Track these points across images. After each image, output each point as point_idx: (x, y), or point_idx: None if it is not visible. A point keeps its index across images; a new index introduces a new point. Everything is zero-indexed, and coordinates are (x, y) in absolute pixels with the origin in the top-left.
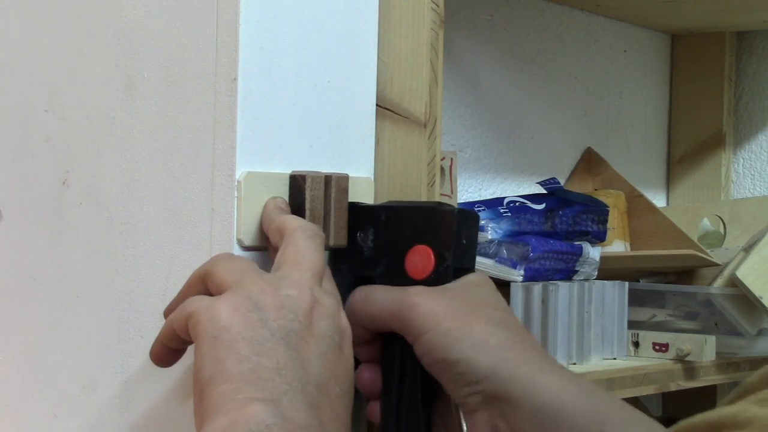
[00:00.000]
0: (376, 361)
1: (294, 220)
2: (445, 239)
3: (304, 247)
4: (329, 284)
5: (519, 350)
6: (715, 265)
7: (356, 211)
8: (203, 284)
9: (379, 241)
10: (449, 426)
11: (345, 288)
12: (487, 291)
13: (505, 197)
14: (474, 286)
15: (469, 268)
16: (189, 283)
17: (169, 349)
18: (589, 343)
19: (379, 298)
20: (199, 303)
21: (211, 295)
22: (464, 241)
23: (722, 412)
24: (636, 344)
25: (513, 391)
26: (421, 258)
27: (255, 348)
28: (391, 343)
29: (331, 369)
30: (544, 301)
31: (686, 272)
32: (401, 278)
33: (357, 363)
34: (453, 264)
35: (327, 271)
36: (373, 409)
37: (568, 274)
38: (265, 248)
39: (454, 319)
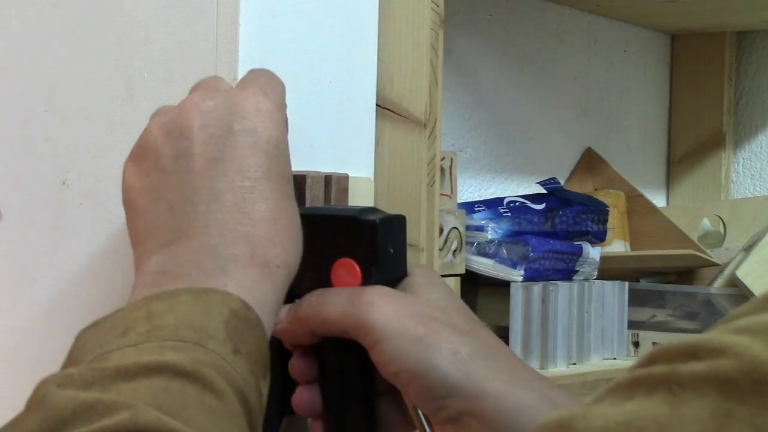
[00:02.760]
0: (315, 381)
1: None
2: (369, 252)
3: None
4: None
5: (490, 362)
6: (715, 265)
7: None
8: None
9: (303, 253)
10: None
11: None
12: (443, 291)
13: (505, 197)
14: (427, 285)
15: (401, 275)
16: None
17: None
18: (589, 343)
19: (336, 300)
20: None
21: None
22: (391, 251)
23: (700, 337)
24: (636, 344)
25: (483, 407)
26: (346, 272)
27: (151, 196)
28: (332, 357)
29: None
30: (544, 301)
31: (686, 272)
32: None
33: (294, 386)
34: (382, 278)
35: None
36: (315, 430)
37: (568, 274)
38: None
39: (425, 324)
